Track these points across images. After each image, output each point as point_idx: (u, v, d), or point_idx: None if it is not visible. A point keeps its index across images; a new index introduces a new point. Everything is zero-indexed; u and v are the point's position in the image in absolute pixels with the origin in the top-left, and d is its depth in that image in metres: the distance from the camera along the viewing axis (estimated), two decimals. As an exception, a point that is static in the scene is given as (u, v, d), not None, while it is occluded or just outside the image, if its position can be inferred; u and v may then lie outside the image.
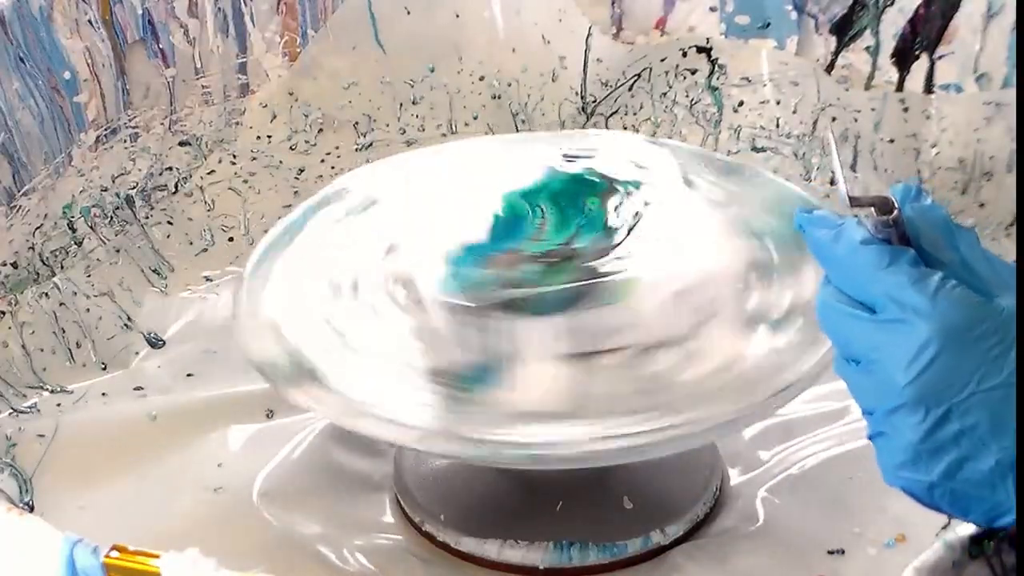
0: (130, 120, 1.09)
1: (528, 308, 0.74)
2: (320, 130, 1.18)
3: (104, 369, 0.97)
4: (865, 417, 0.59)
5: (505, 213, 0.79)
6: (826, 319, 0.59)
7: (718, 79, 1.14)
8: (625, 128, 1.15)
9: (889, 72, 1.09)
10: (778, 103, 1.13)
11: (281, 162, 1.16)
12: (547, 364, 0.73)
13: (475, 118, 1.19)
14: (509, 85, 1.18)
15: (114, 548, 0.53)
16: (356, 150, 1.17)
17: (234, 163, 1.15)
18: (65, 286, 0.99)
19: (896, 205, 0.58)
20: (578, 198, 0.80)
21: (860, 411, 0.59)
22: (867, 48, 1.09)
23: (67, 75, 1.03)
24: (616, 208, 0.79)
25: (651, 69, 1.16)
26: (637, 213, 0.79)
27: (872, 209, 0.58)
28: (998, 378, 0.54)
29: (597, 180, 0.82)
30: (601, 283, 0.75)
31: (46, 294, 0.98)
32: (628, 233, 0.77)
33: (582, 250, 0.76)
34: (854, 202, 0.59)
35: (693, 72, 1.15)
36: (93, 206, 1.05)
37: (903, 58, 1.09)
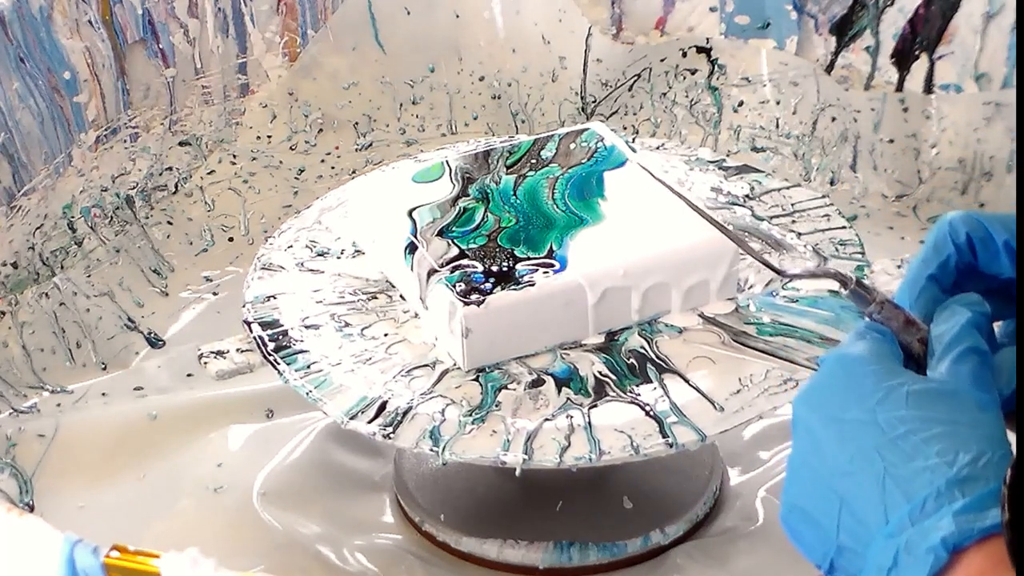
0: (130, 120, 1.09)
1: None
2: (320, 130, 1.18)
3: (104, 369, 0.97)
4: None
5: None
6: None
7: (718, 79, 1.14)
8: (625, 128, 1.15)
9: (889, 72, 1.09)
10: (778, 103, 1.13)
11: (281, 162, 1.16)
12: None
13: (475, 118, 1.19)
14: (509, 85, 1.18)
15: (114, 548, 0.53)
16: (356, 150, 1.17)
17: (234, 163, 1.15)
18: (65, 286, 0.99)
19: (848, 278, 0.55)
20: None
21: None
22: (867, 48, 1.09)
23: (67, 75, 1.03)
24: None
25: (651, 69, 1.16)
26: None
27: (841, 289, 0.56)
28: None
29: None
30: None
31: (46, 294, 0.98)
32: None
33: None
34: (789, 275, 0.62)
35: (693, 72, 1.15)
36: (93, 206, 1.05)
37: (903, 58, 1.09)
